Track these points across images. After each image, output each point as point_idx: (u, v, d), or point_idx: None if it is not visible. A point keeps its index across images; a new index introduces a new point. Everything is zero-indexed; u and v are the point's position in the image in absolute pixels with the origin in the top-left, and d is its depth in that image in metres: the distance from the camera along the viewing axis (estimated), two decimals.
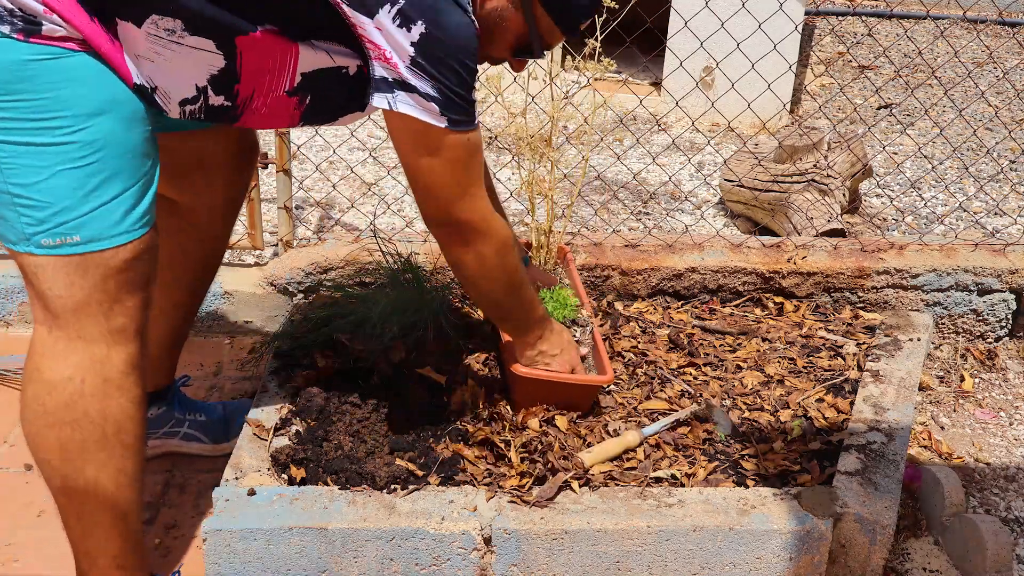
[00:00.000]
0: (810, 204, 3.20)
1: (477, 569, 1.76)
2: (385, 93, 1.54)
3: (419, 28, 1.49)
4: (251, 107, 1.62)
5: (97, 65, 1.44)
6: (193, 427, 2.15)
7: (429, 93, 1.52)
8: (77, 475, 1.55)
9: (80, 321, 1.49)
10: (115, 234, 1.48)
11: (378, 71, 1.53)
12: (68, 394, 1.51)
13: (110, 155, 1.46)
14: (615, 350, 2.37)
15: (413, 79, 1.51)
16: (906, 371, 2.35)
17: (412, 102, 1.53)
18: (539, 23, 1.64)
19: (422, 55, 1.50)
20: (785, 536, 1.78)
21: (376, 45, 1.51)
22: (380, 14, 1.48)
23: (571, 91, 4.29)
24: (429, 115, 1.54)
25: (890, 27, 6.14)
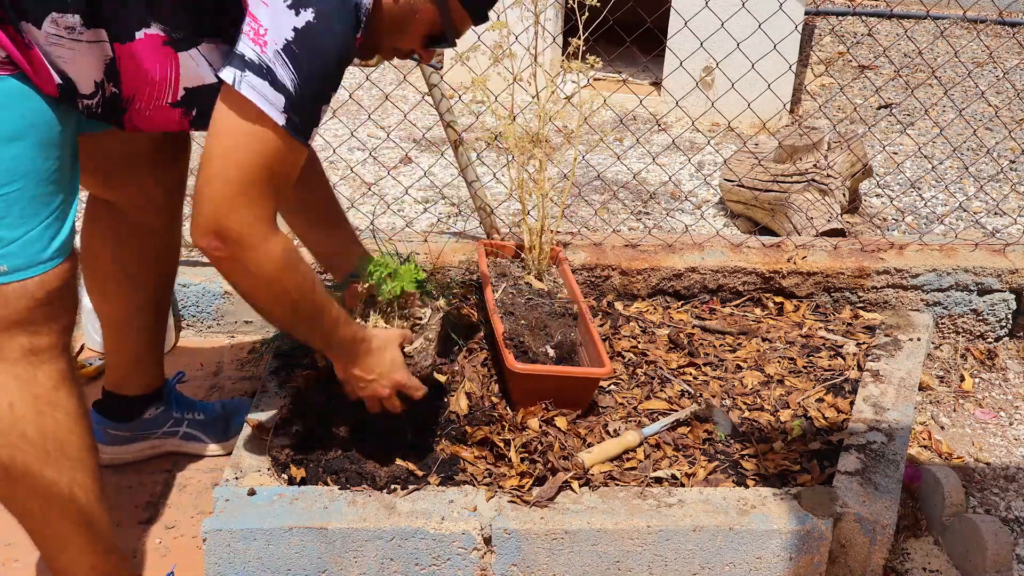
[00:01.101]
0: (810, 204, 3.20)
1: (477, 569, 1.76)
2: (235, 69, 1.42)
3: (307, 15, 1.40)
4: (135, 109, 1.56)
5: (15, 86, 1.39)
6: (192, 426, 2.15)
7: (284, 85, 1.42)
8: (30, 497, 1.52)
9: (1, 345, 1.45)
10: (40, 261, 1.44)
11: (241, 47, 1.42)
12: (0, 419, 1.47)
13: (30, 182, 1.41)
14: (615, 350, 2.38)
15: (276, 64, 1.41)
16: (906, 371, 2.35)
17: (259, 87, 1.41)
18: (451, 11, 1.60)
19: (298, 44, 1.41)
20: (785, 536, 1.78)
21: (255, 19, 1.41)
22: None
23: (570, 91, 4.29)
24: (271, 106, 1.42)
25: (890, 27, 6.14)
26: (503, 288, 2.32)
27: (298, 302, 1.59)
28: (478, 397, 2.09)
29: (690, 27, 3.19)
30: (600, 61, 2.34)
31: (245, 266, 1.50)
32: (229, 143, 1.45)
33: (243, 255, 1.49)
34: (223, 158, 1.45)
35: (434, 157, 4.02)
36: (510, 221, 3.15)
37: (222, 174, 1.45)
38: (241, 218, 1.46)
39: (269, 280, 1.53)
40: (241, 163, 1.44)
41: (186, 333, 2.68)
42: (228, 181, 1.45)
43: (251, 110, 1.42)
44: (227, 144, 1.45)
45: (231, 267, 1.51)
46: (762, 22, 3.21)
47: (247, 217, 1.47)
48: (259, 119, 1.43)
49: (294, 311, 1.60)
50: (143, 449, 2.13)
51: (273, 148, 1.45)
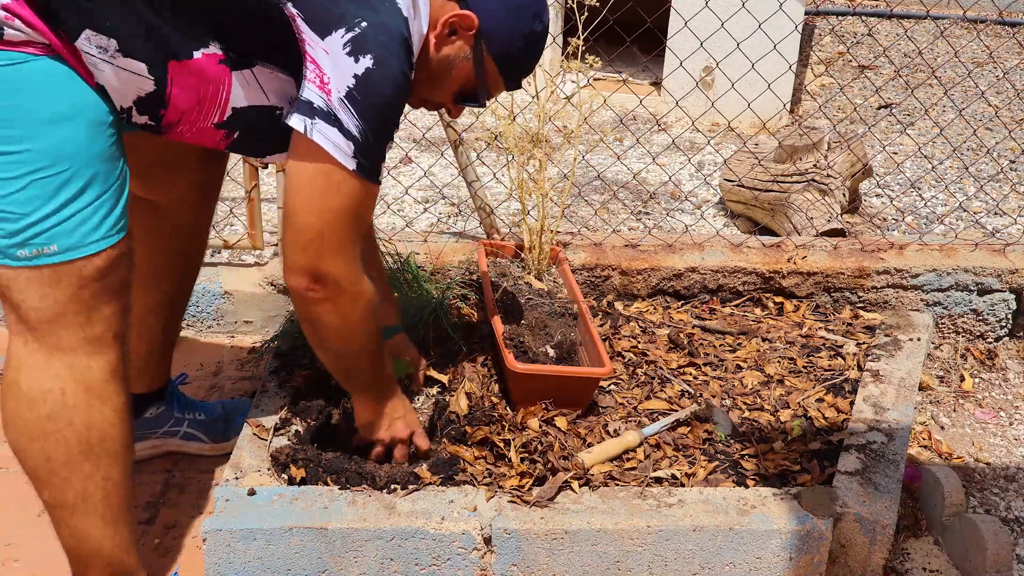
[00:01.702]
0: (810, 204, 3.20)
1: (477, 569, 1.76)
2: (304, 116, 1.47)
3: (367, 62, 1.45)
4: (175, 131, 1.59)
5: (61, 69, 1.41)
6: (193, 426, 2.15)
7: (350, 131, 1.47)
8: (65, 486, 1.54)
9: (56, 332, 1.47)
10: (91, 241, 1.46)
11: (307, 93, 1.47)
12: (49, 406, 1.49)
13: (79, 162, 1.43)
14: (615, 350, 2.38)
15: (341, 112, 1.46)
16: (906, 371, 2.35)
17: (329, 134, 1.46)
18: (488, 75, 1.65)
19: (360, 91, 1.46)
20: (785, 536, 1.78)
21: (318, 66, 1.46)
22: (332, 36, 1.45)
23: (570, 91, 4.29)
24: (341, 153, 1.47)
25: (890, 27, 6.14)
26: (503, 288, 2.32)
27: (371, 344, 1.70)
28: (478, 397, 2.09)
29: (690, 27, 3.19)
30: (600, 61, 2.34)
31: (339, 307, 1.59)
32: (311, 194, 1.50)
33: (339, 297, 1.57)
34: (306, 209, 1.51)
35: (434, 157, 4.02)
36: (510, 221, 3.15)
37: (311, 225, 1.51)
38: (336, 264, 1.54)
39: (356, 320, 1.62)
40: (324, 211, 1.51)
41: (186, 333, 2.68)
42: (317, 232, 1.51)
43: (324, 158, 1.48)
44: (308, 195, 1.50)
45: (323, 308, 1.58)
46: (762, 22, 3.21)
47: (340, 262, 1.55)
48: (333, 166, 1.49)
49: (364, 351, 1.70)
50: (143, 449, 2.13)
51: (350, 193, 1.51)
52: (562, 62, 2.38)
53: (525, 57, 1.67)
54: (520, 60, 1.67)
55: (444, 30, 1.59)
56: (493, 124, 4.31)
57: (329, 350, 1.69)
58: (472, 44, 1.62)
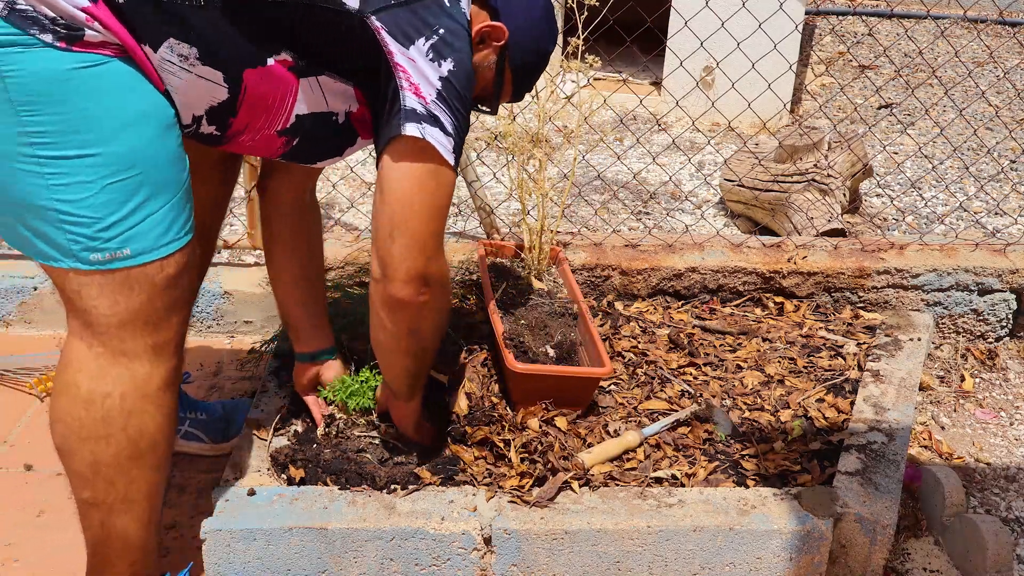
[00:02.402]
0: (810, 204, 3.20)
1: (477, 569, 1.76)
2: (416, 123, 1.51)
3: (448, 65, 1.52)
4: (238, 140, 1.61)
5: (131, 72, 1.42)
6: (194, 426, 2.15)
7: (448, 129, 1.54)
8: (108, 488, 1.54)
9: (124, 338, 1.47)
10: (162, 244, 1.47)
11: (408, 102, 1.52)
12: (106, 410, 1.49)
13: (151, 166, 1.44)
14: (615, 350, 2.37)
15: (438, 112, 1.52)
16: (906, 371, 2.35)
17: (435, 136, 1.53)
18: (504, 85, 1.72)
19: (446, 91, 1.52)
20: (785, 536, 1.78)
21: (407, 74, 1.51)
22: (416, 45, 1.50)
23: (570, 90, 4.29)
24: (446, 151, 1.54)
25: (890, 27, 6.14)
26: (503, 288, 2.32)
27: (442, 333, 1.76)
28: (478, 397, 2.09)
29: (690, 27, 3.19)
30: (600, 61, 2.34)
31: (441, 303, 1.65)
32: (425, 196, 1.55)
33: (440, 294, 1.63)
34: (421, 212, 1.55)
35: None
36: (510, 221, 3.15)
37: (426, 226, 1.56)
38: (438, 260, 1.60)
39: (445, 316, 1.70)
40: (435, 208, 1.57)
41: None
42: (433, 232, 1.57)
43: (435, 158, 1.53)
44: (423, 198, 1.55)
45: (429, 310, 1.62)
46: (762, 22, 3.21)
47: (442, 259, 1.62)
48: (442, 164, 1.55)
49: (435, 347, 1.76)
50: None
51: (451, 187, 1.59)
52: (562, 62, 2.38)
53: (537, 72, 1.75)
54: (533, 74, 1.75)
55: (475, 38, 1.63)
56: (493, 124, 4.31)
57: (420, 353, 1.73)
58: (498, 55, 1.67)
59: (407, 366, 1.75)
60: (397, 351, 1.71)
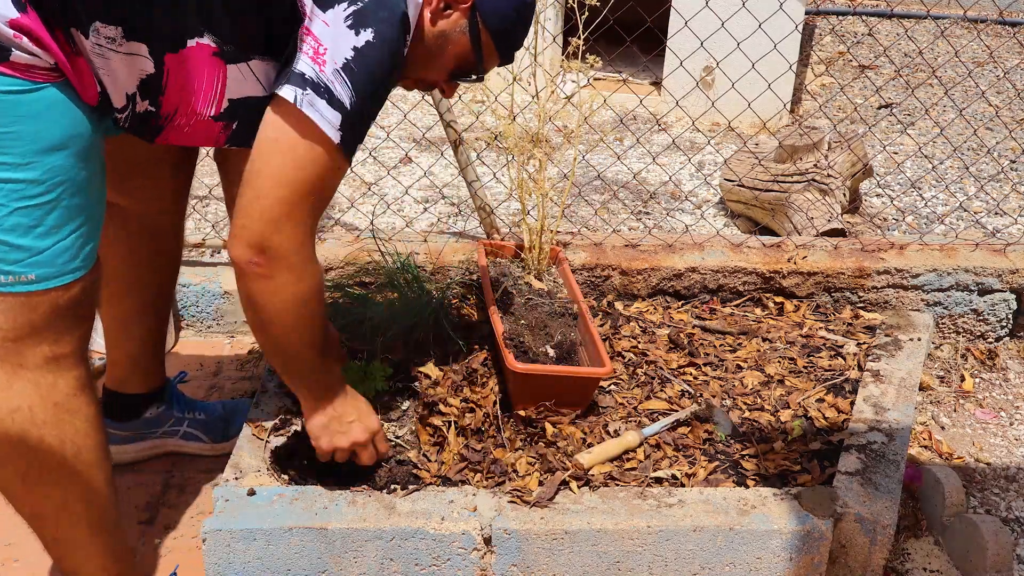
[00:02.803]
0: (810, 204, 3.20)
1: (477, 569, 1.76)
2: (296, 87, 1.44)
3: (367, 35, 1.44)
4: (174, 124, 1.56)
5: (61, 98, 1.38)
6: (193, 426, 2.15)
7: (342, 102, 1.45)
8: (45, 501, 1.52)
9: (21, 352, 1.44)
10: (69, 271, 1.44)
11: (299, 65, 1.45)
12: (20, 425, 1.46)
13: (66, 191, 1.41)
14: (615, 350, 2.37)
15: (335, 82, 1.44)
16: (906, 371, 2.35)
17: (318, 105, 1.45)
18: (484, 49, 1.64)
19: (357, 63, 1.44)
20: (785, 536, 1.78)
21: (315, 38, 1.44)
22: (335, 9, 1.44)
23: (570, 91, 4.29)
24: (328, 124, 1.45)
25: (890, 27, 6.14)
26: (503, 288, 2.32)
27: (314, 332, 1.61)
28: (477, 397, 2.09)
29: (690, 27, 3.19)
30: (600, 61, 2.34)
31: (282, 285, 1.52)
32: (285, 161, 1.47)
33: (283, 274, 1.51)
34: (276, 176, 1.47)
35: (434, 157, 4.02)
36: (510, 221, 3.15)
37: (275, 191, 1.47)
38: (289, 236, 1.49)
39: (300, 302, 1.55)
40: (295, 181, 1.47)
41: (186, 333, 2.68)
42: (280, 199, 1.47)
43: (310, 128, 1.45)
44: (282, 162, 1.47)
45: (265, 285, 1.52)
46: (762, 22, 3.21)
47: (295, 236, 1.50)
48: (317, 137, 1.46)
49: (306, 341, 1.62)
50: (143, 449, 2.13)
51: (326, 166, 1.48)
52: (562, 62, 2.38)
53: (519, 28, 1.66)
54: (514, 31, 1.66)
55: (439, 4, 1.57)
56: (493, 124, 4.31)
57: (269, 336, 1.60)
58: (468, 18, 1.60)
59: (264, 347, 1.66)
60: (249, 323, 1.61)
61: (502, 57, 1.69)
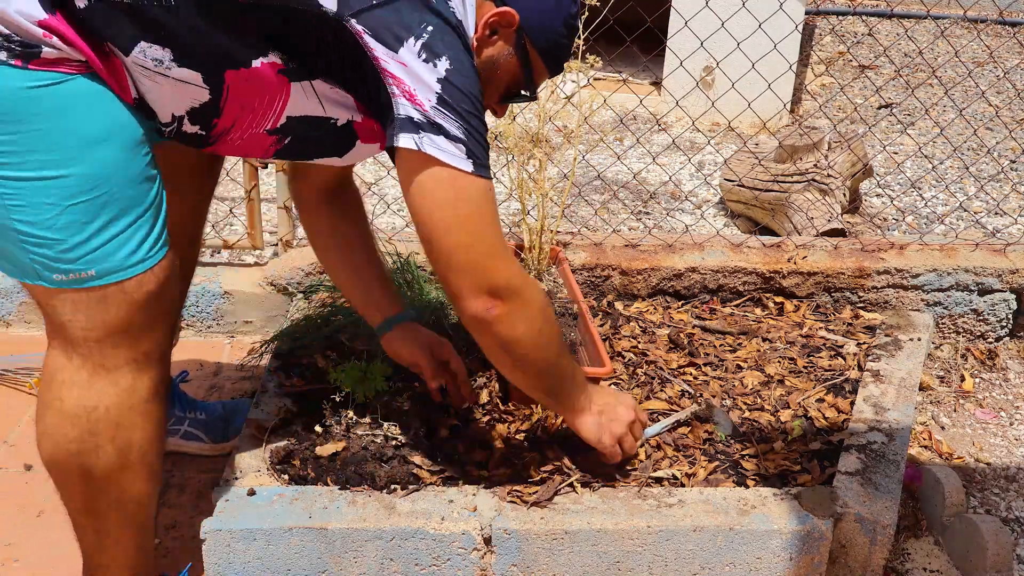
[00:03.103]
0: (810, 204, 3.20)
1: (477, 569, 1.76)
2: (411, 133, 1.43)
3: (445, 64, 1.42)
4: (226, 139, 1.55)
5: (96, 88, 1.37)
6: (193, 425, 2.15)
7: (456, 135, 1.44)
8: (99, 498, 1.53)
9: (104, 351, 1.44)
10: (132, 264, 1.43)
11: (402, 110, 1.43)
12: (92, 423, 1.47)
13: (117, 185, 1.39)
14: (615, 350, 2.37)
15: (440, 119, 1.43)
16: (906, 371, 2.35)
17: (439, 143, 1.43)
18: (534, 68, 1.61)
19: (448, 93, 1.43)
20: (785, 536, 1.78)
21: (400, 81, 1.42)
22: (405, 47, 1.41)
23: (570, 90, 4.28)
24: (456, 159, 1.44)
25: (890, 27, 6.14)
26: None
27: (560, 345, 1.66)
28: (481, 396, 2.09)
29: (690, 27, 3.19)
30: (600, 61, 2.34)
31: (526, 315, 1.56)
32: (444, 210, 1.47)
33: (516, 302, 1.54)
34: (450, 227, 1.48)
35: None
36: (510, 221, 3.15)
37: (460, 240, 1.49)
38: (501, 271, 1.52)
39: (545, 320, 1.60)
40: (467, 221, 1.48)
41: (186, 333, 2.68)
42: (469, 247, 1.49)
43: (443, 169, 1.44)
44: (443, 213, 1.48)
45: (511, 322, 1.54)
46: (762, 22, 3.21)
47: (504, 267, 1.53)
48: (454, 174, 1.45)
49: (563, 354, 1.67)
50: None
51: (478, 194, 1.48)
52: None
53: (567, 42, 1.63)
54: (564, 45, 1.63)
55: (485, 32, 1.55)
56: (493, 124, 4.31)
57: (531, 367, 1.64)
58: (515, 41, 1.57)
59: (526, 382, 1.68)
60: (505, 367, 1.65)
61: (552, 71, 1.66)
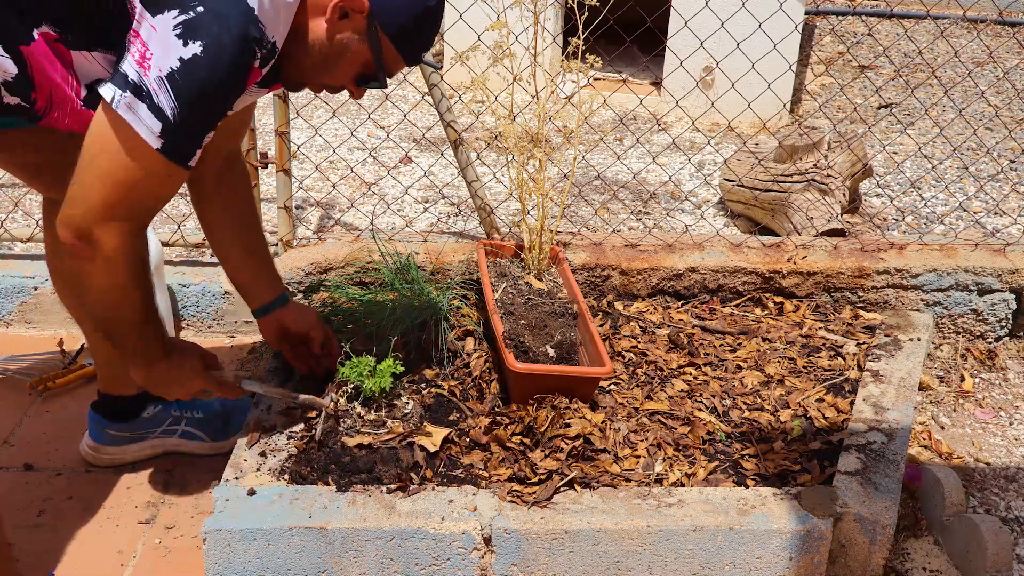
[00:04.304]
0: (810, 204, 3.20)
1: (477, 569, 1.76)
2: (116, 87, 1.45)
3: (195, 48, 1.43)
4: (52, 116, 1.58)
5: None
6: (191, 424, 2.15)
7: (163, 111, 1.45)
8: None
9: None
10: None
11: (124, 65, 1.46)
12: None
13: None
14: (615, 350, 2.37)
15: (158, 90, 1.44)
16: (906, 371, 2.35)
17: (137, 109, 1.45)
18: (385, 54, 1.64)
19: (183, 74, 1.44)
20: (785, 536, 1.78)
21: (142, 42, 1.44)
22: (164, 16, 1.43)
23: (570, 91, 4.29)
24: (147, 130, 1.46)
25: (890, 27, 6.14)
26: (503, 288, 2.32)
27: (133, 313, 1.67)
28: (477, 397, 2.09)
29: (690, 27, 3.19)
30: (600, 61, 2.34)
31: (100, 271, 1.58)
32: (110, 161, 1.50)
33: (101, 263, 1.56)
34: (101, 173, 1.50)
35: (434, 157, 4.02)
36: (510, 221, 3.15)
37: (99, 188, 1.51)
38: (110, 233, 1.53)
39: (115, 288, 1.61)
40: (119, 182, 1.50)
41: (186, 333, 2.68)
42: (104, 197, 1.51)
43: (129, 132, 1.46)
44: (107, 161, 1.50)
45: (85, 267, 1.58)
46: (762, 22, 3.21)
47: (116, 234, 1.54)
48: (136, 142, 1.47)
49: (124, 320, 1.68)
50: (143, 449, 2.13)
51: (149, 171, 1.50)
52: (562, 62, 2.38)
53: (421, 33, 1.66)
54: (416, 36, 1.66)
55: (334, 15, 1.58)
56: (493, 124, 4.31)
57: (89, 308, 1.71)
58: (366, 26, 1.60)
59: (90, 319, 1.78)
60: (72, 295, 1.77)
61: (408, 60, 1.69)
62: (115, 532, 1.95)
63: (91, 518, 1.98)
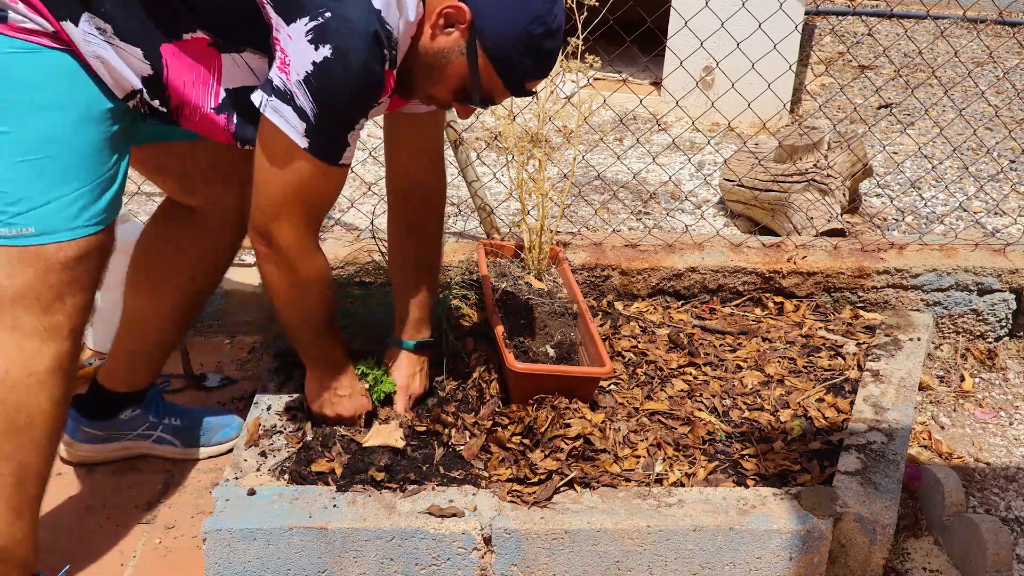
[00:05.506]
0: (810, 204, 3.20)
1: (477, 569, 1.76)
2: (263, 93, 1.54)
3: (325, 51, 1.48)
4: (184, 116, 1.64)
5: (69, 64, 1.49)
6: (167, 431, 2.11)
7: (304, 111, 1.52)
8: None
9: (16, 311, 1.51)
10: (67, 228, 1.51)
11: (271, 73, 1.53)
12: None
13: (64, 149, 1.50)
14: (615, 350, 2.37)
15: (298, 92, 1.50)
16: (906, 371, 2.35)
17: (282, 111, 1.52)
18: (481, 73, 1.58)
19: (316, 76, 1.49)
20: (785, 536, 1.78)
21: (282, 49, 1.50)
22: (297, 24, 1.48)
23: (570, 91, 4.28)
24: (292, 130, 1.53)
25: (890, 27, 6.14)
26: (503, 288, 2.32)
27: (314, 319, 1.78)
28: (477, 397, 2.09)
29: (690, 27, 3.19)
30: (600, 61, 2.34)
31: (282, 271, 1.68)
32: (275, 165, 1.58)
33: (282, 262, 1.66)
34: (269, 175, 1.59)
35: None
36: (510, 221, 3.15)
37: (269, 189, 1.61)
38: (284, 233, 1.63)
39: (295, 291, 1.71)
40: (283, 183, 1.59)
41: (186, 333, 2.67)
42: (273, 198, 1.61)
43: (277, 133, 1.54)
44: (266, 164, 1.59)
45: (269, 267, 1.68)
46: (762, 22, 3.21)
47: (289, 233, 1.63)
48: (287, 142, 1.55)
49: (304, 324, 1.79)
50: (114, 450, 2.08)
51: (303, 171, 1.57)
52: (562, 62, 2.38)
53: (525, 60, 1.57)
54: (519, 63, 1.57)
55: (439, 20, 1.56)
56: (493, 124, 4.31)
57: (276, 308, 1.78)
58: (467, 40, 1.56)
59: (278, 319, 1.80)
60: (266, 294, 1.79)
61: (509, 88, 1.62)
62: (115, 532, 1.95)
63: (91, 518, 1.98)
